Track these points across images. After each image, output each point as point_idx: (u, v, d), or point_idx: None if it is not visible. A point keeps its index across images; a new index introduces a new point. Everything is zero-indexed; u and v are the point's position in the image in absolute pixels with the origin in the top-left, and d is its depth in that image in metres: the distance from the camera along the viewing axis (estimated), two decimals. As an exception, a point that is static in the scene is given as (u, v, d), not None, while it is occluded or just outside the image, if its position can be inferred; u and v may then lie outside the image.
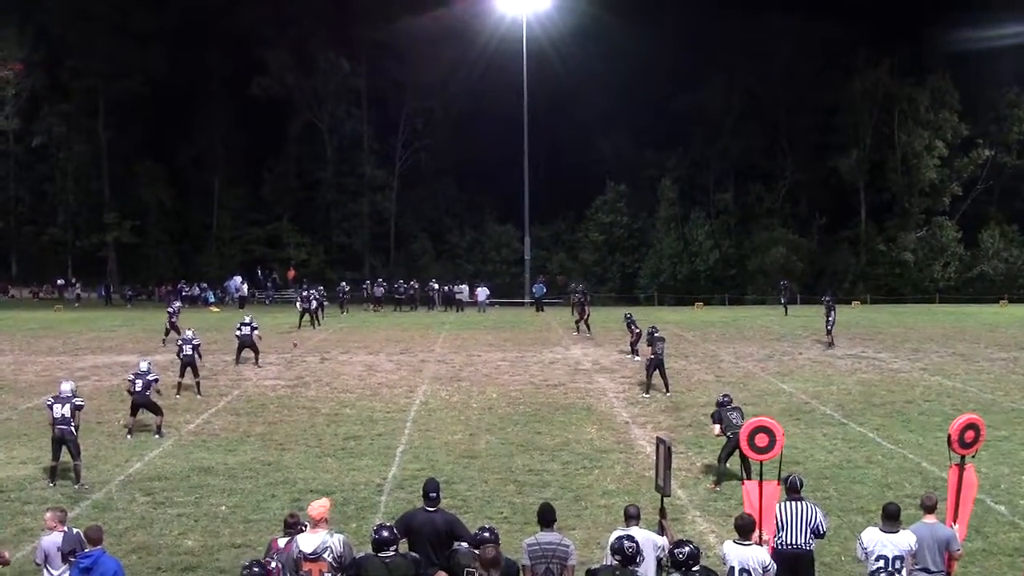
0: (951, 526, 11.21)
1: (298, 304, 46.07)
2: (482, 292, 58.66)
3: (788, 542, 11.04)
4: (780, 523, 11.12)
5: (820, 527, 11.16)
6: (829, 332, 37.49)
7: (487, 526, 10.34)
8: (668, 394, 26.18)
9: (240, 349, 31.85)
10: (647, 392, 26.30)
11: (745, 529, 10.17)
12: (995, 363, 32.94)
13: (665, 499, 11.55)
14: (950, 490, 11.79)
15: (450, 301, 57.90)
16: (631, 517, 10.42)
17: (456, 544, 10.45)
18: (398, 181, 75.01)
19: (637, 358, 31.71)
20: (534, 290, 60.05)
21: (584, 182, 70.77)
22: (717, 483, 17.10)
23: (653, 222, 72.37)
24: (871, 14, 66.69)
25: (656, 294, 66.74)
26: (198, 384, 26.30)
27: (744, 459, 15.97)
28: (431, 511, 10.81)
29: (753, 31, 66.21)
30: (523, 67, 64.19)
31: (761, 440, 11.64)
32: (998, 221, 72.93)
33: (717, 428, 17.67)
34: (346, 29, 69.00)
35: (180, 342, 27.21)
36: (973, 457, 11.93)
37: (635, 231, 73.00)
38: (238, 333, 31.71)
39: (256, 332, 32.00)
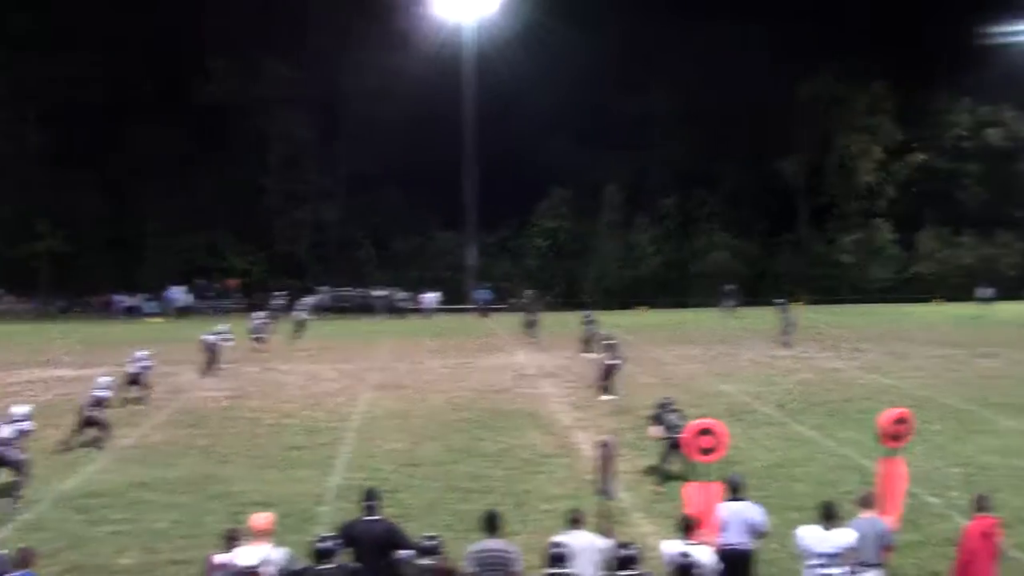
0: (884, 519, 11.40)
1: (295, 314, 45.69)
2: (429, 298, 58.58)
3: (728, 541, 11.13)
4: (723, 521, 11.23)
5: (760, 526, 11.29)
6: (786, 333, 38.36)
7: (431, 534, 10.36)
8: (616, 398, 26.32)
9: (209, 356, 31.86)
10: (606, 395, 26.49)
11: (687, 528, 10.29)
12: (930, 360, 33.64)
13: (609, 502, 11.62)
14: (881, 483, 12.02)
15: (393, 308, 57.74)
16: (574, 522, 10.50)
17: (398, 553, 10.45)
18: (342, 188, 74.58)
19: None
20: (477, 296, 60.02)
21: (529, 188, 70.68)
22: (660, 484, 17.22)
23: (597, 227, 72.54)
24: (811, 20, 67.49)
25: (601, 298, 66.98)
26: (140, 399, 26.02)
27: (685, 460, 16.19)
28: (371, 520, 10.82)
29: (696, 36, 66.49)
30: (467, 73, 64.20)
31: (706, 442, 11.77)
32: (932, 223, 74.22)
33: (655, 430, 17.78)
34: (289, 35, 68.53)
35: (130, 360, 26.85)
36: (902, 450, 12.16)
37: (579, 236, 73.14)
38: (207, 339, 31.86)
39: (228, 342, 32.05)
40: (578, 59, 64.36)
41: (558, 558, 9.53)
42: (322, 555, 9.50)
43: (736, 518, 11.25)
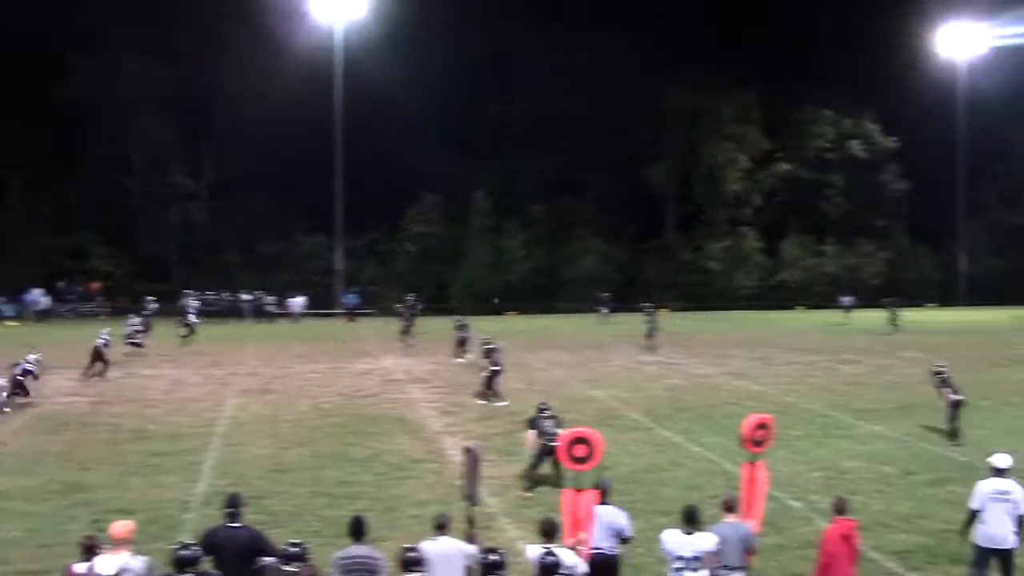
0: (746, 522, 11.56)
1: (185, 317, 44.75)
2: (297, 302, 57.89)
3: (594, 546, 11.17)
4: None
5: (624, 531, 11.33)
6: (650, 337, 39.26)
7: (294, 541, 10.17)
8: (505, 403, 26.39)
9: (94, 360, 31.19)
10: (489, 400, 26.65)
11: (549, 532, 10.28)
12: (793, 366, 34.44)
13: (475, 507, 11.57)
14: (743, 487, 12.21)
15: (261, 312, 56.92)
16: (440, 527, 10.41)
17: (262, 560, 10.24)
18: (209, 190, 73.25)
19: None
20: (345, 300, 59.54)
21: (398, 192, 70.26)
22: (528, 490, 17.22)
23: (467, 233, 72.51)
24: (680, 30, 68.73)
25: (471, 304, 67.00)
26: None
27: (557, 465, 16.51)
28: (234, 527, 10.60)
29: (566, 44, 67.07)
30: (337, 76, 63.65)
31: (580, 451, 11.75)
32: (796, 231, 76.18)
33: (531, 435, 17.74)
34: (156, 34, 67.04)
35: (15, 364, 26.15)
36: (765, 455, 12.39)
37: (449, 242, 73.01)
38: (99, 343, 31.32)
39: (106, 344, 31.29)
40: (448, 65, 64.40)
41: (411, 563, 9.47)
42: (183, 563, 9.25)
43: (603, 523, 11.30)
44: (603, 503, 11.55)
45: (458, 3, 64.94)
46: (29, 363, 26.28)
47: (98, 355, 31.27)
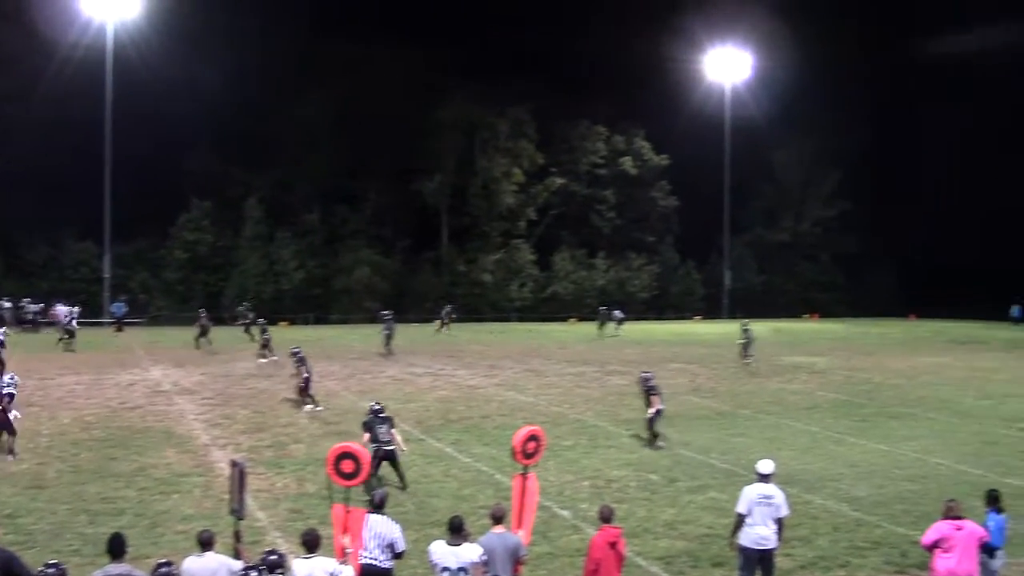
0: (516, 533, 11.52)
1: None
2: (62, 310, 55.29)
3: (367, 556, 11.05)
4: (362, 539, 11.06)
5: (397, 544, 11.19)
6: (387, 345, 40.88)
7: (52, 562, 9.55)
8: (320, 408, 26.72)
9: None
10: (307, 405, 26.86)
11: (311, 544, 10.06)
12: (564, 378, 34.94)
13: (242, 521, 11.19)
14: (514, 498, 12.18)
15: (23, 320, 54.22)
16: (204, 543, 10.01)
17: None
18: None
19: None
20: (113, 309, 57.43)
21: (169, 199, 68.20)
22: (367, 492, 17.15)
23: (239, 241, 70.94)
24: (457, 44, 69.10)
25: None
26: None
27: (392, 463, 17.39)
28: (-17, 549, 9.93)
29: (343, 53, 66.53)
30: (107, 77, 61.31)
31: (347, 466, 11.48)
32: (569, 245, 77.80)
33: (366, 437, 17.82)
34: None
35: None
36: (536, 466, 12.40)
37: (220, 249, 71.23)
38: None
39: None
40: (224, 69, 62.95)
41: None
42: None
43: (376, 535, 11.15)
44: (379, 514, 11.39)
45: (236, 11, 63.71)
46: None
47: None
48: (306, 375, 27.38)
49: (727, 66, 76.93)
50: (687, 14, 74.20)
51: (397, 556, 11.30)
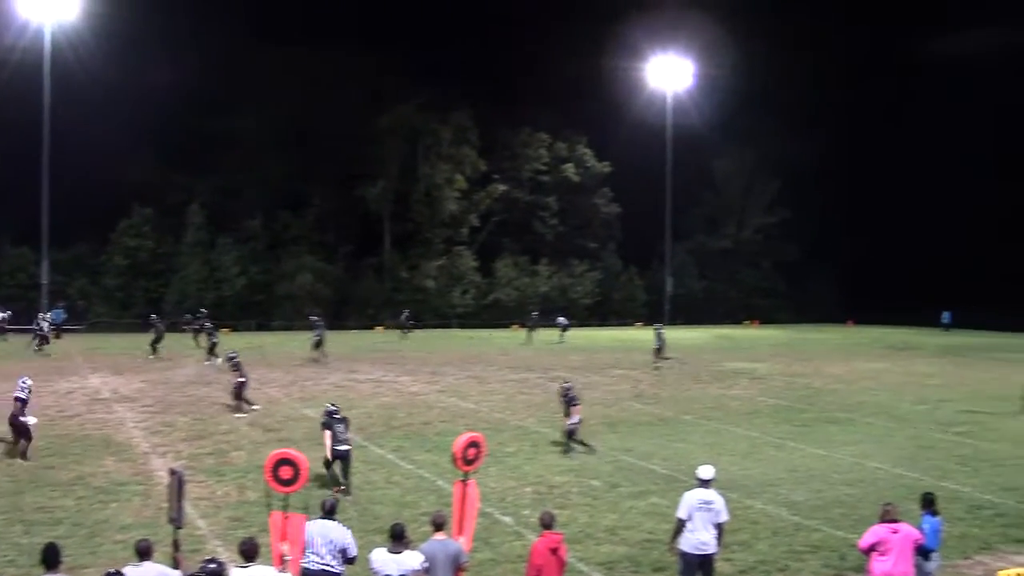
0: (458, 539, 11.51)
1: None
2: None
3: (319, 562, 10.97)
4: (308, 542, 11.00)
5: (349, 549, 11.14)
6: (318, 349, 41.49)
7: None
8: (257, 407, 27.56)
9: None
10: (243, 410, 27.14)
11: (249, 553, 9.97)
12: (506, 384, 34.97)
13: (181, 530, 11.07)
14: (455, 505, 12.19)
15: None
16: (142, 552, 9.87)
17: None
18: None
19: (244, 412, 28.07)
20: (51, 316, 56.68)
21: (109, 204, 67.36)
22: (339, 489, 17.60)
23: (180, 247, 70.25)
24: (400, 51, 69.06)
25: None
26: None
27: (344, 464, 17.79)
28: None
29: (287, 60, 66.22)
30: (45, 80, 60.45)
31: (285, 472, 11.41)
32: (511, 252, 77.91)
33: (327, 435, 18.38)
34: None
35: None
36: (476, 473, 12.41)
37: (161, 256, 70.50)
38: None
39: None
40: (166, 74, 62.42)
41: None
42: None
43: (325, 540, 11.09)
44: (329, 519, 11.36)
45: (178, 14, 63.18)
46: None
47: None
48: (241, 379, 27.52)
49: (669, 74, 77.31)
50: (629, 22, 74.73)
51: (349, 561, 11.24)
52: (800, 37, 78.37)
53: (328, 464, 18.52)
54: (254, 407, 27.33)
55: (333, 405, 19.20)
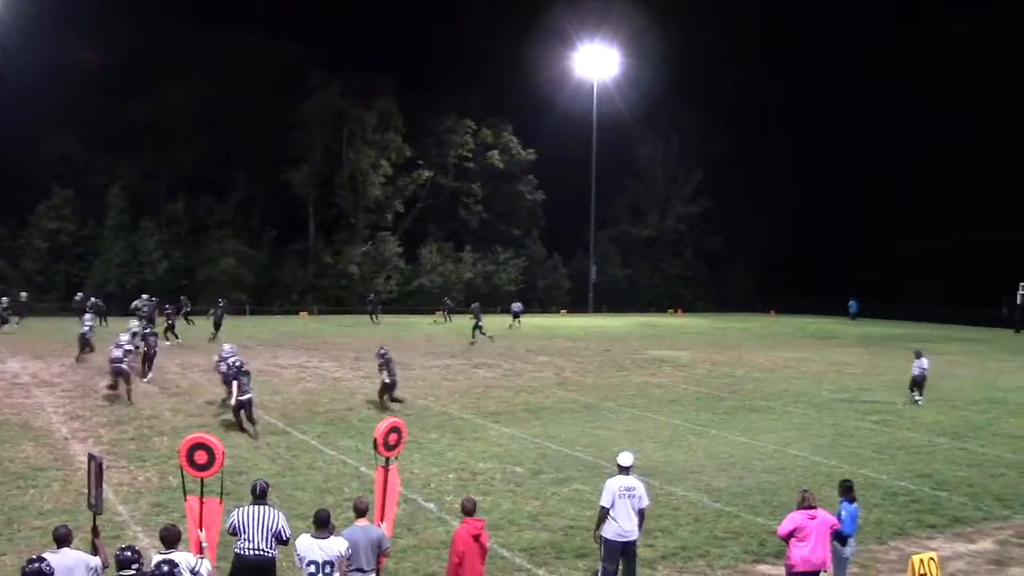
0: (379, 525, 11.51)
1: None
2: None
3: (252, 547, 10.85)
4: (241, 528, 10.90)
5: (283, 533, 11.03)
6: (215, 333, 43.43)
7: None
8: (151, 375, 29.98)
9: None
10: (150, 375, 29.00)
11: (170, 540, 9.88)
12: (430, 371, 34.94)
13: (102, 517, 10.94)
14: (377, 491, 12.21)
15: None
16: (60, 539, 9.72)
17: None
18: None
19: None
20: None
21: (28, 186, 66.03)
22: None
23: (102, 230, 69.09)
24: (326, 36, 68.77)
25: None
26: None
27: (250, 417, 19.51)
28: None
29: (211, 44, 65.46)
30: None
31: (200, 457, 11.33)
32: (436, 238, 77.81)
33: (235, 385, 22.05)
34: None
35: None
36: (397, 459, 12.43)
37: (82, 239, 69.28)
38: None
39: None
40: (87, 55, 61.35)
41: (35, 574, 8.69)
42: None
43: (257, 524, 10.97)
44: (261, 503, 11.22)
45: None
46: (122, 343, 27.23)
47: None
48: (150, 352, 30.40)
49: (595, 63, 77.63)
50: (556, 10, 74.93)
51: (283, 543, 11.13)
52: (724, 28, 79.20)
53: (236, 411, 22.09)
54: (150, 375, 30.23)
55: (239, 360, 20.84)
